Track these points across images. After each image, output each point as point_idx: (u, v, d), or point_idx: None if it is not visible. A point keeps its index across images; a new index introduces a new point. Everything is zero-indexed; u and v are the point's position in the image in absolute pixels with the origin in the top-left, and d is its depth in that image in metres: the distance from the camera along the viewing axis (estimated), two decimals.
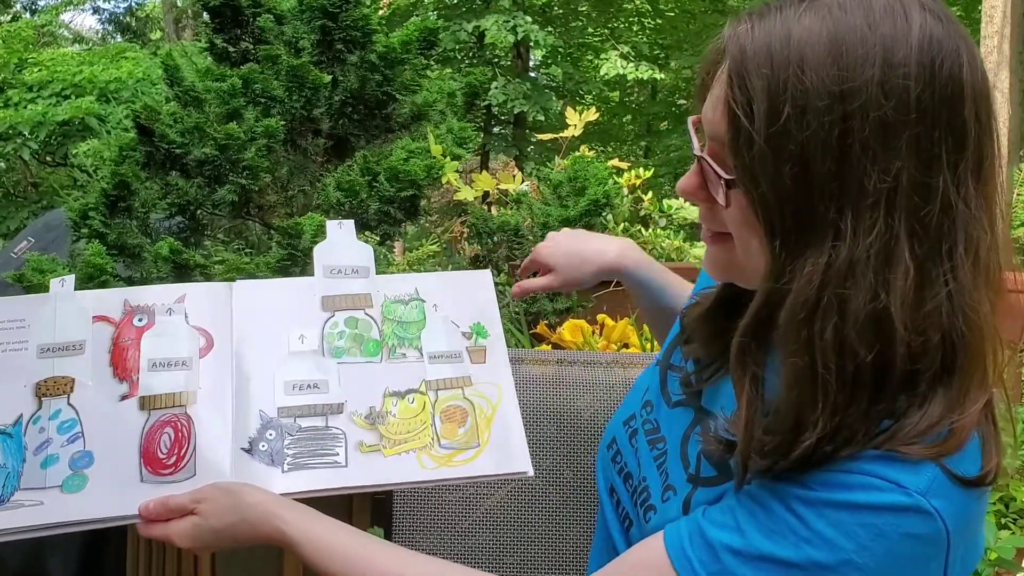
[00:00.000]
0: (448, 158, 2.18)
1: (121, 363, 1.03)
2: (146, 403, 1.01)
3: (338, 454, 1.00)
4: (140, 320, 1.06)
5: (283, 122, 2.10)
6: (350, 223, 1.14)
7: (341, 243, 1.13)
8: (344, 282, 1.10)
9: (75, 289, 1.09)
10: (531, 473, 1.00)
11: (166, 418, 1.01)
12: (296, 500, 0.96)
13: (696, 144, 0.80)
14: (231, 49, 2.30)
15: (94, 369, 1.03)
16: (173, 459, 0.99)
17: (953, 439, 0.71)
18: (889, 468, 0.71)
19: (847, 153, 0.69)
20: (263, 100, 2.14)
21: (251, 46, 2.24)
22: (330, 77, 2.16)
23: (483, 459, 1.01)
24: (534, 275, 1.27)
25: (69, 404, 1.00)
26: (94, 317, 1.06)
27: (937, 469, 0.71)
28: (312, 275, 1.11)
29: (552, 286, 1.23)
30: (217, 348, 1.05)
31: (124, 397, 1.01)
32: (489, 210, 2.87)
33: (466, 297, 1.10)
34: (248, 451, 1.00)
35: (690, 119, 0.81)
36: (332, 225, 1.13)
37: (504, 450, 1.02)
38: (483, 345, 1.08)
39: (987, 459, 0.74)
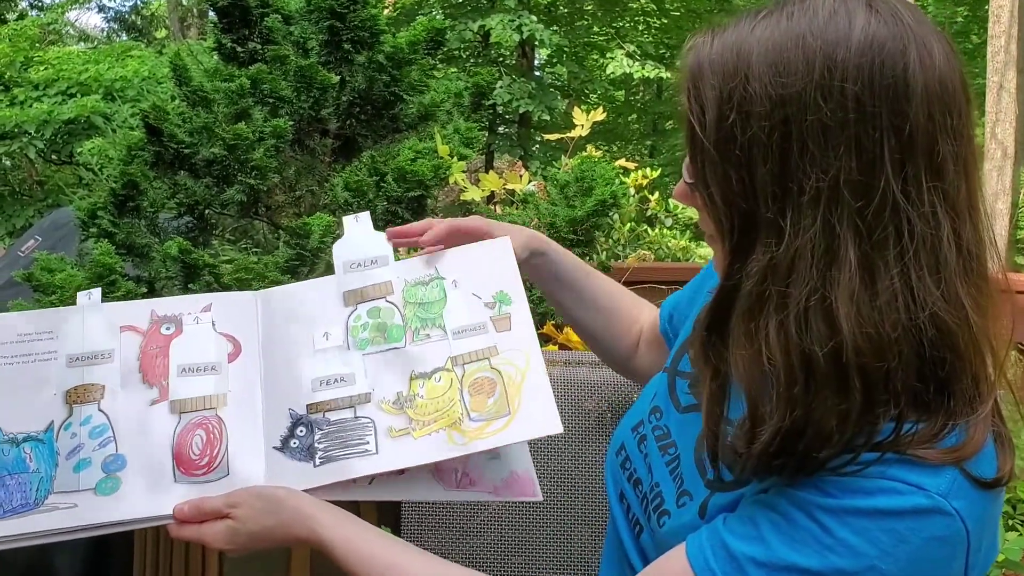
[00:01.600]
0: (455, 158, 2.19)
1: (150, 370, 1.04)
2: (176, 407, 1.03)
3: (368, 442, 1.00)
4: (167, 329, 1.07)
5: (291, 122, 2.10)
6: (366, 215, 1.14)
7: (358, 237, 1.12)
8: (364, 274, 1.10)
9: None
10: (561, 431, 0.98)
11: (197, 420, 1.02)
12: (327, 501, 0.97)
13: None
14: (239, 49, 2.30)
15: (123, 376, 1.04)
16: (206, 460, 1.00)
17: (970, 443, 0.72)
18: (910, 472, 0.71)
19: (787, 155, 0.71)
20: (271, 100, 2.14)
21: (259, 46, 2.25)
22: (338, 77, 2.17)
23: (515, 426, 0.99)
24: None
25: (100, 410, 1.02)
26: (121, 327, 1.07)
27: (956, 472, 0.72)
28: (331, 273, 1.12)
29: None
30: (245, 353, 1.07)
31: (154, 402, 1.03)
32: (495, 210, 2.87)
33: (487, 268, 1.09)
34: (280, 449, 1.01)
35: None
36: (348, 220, 1.13)
37: (534, 414, 1.00)
38: (507, 312, 1.05)
39: (1003, 460, 0.75)
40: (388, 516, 1.48)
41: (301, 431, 1.02)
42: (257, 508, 0.95)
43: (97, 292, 1.09)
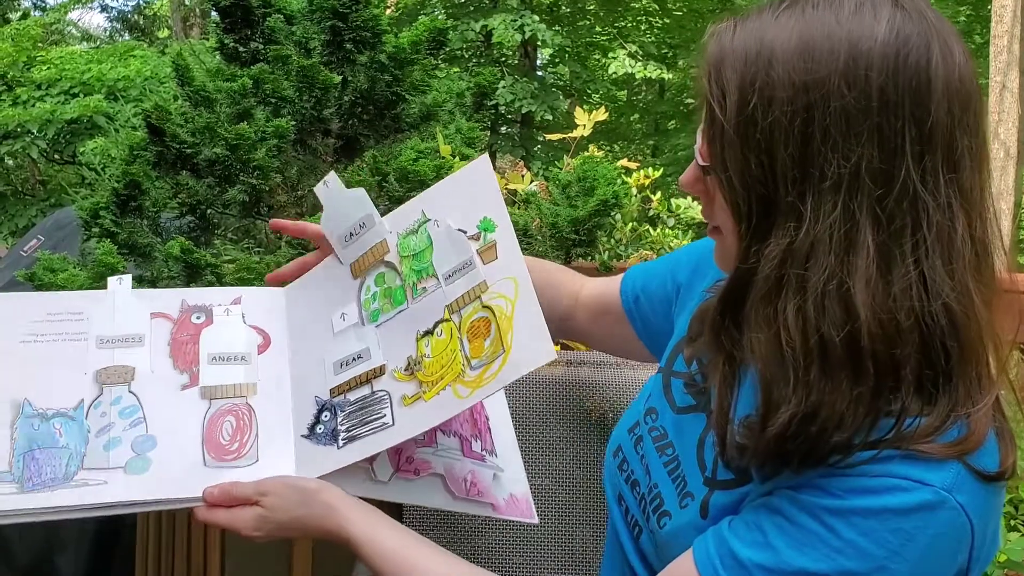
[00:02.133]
0: (457, 158, 2.19)
1: (181, 356, 1.05)
2: (207, 393, 1.03)
3: (385, 415, 0.99)
4: (198, 318, 1.08)
5: (293, 122, 2.10)
6: (332, 176, 1.10)
7: (337, 204, 1.09)
8: (359, 241, 1.08)
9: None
10: (554, 357, 0.92)
11: (227, 407, 1.02)
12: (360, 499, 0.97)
13: (698, 141, 0.83)
14: (241, 49, 2.30)
15: (154, 360, 1.04)
16: (236, 445, 1.00)
17: (972, 437, 0.73)
18: (913, 467, 0.72)
19: (808, 140, 0.72)
20: (273, 100, 2.14)
21: (261, 46, 2.25)
22: (340, 77, 2.17)
23: (510, 365, 0.94)
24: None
25: (130, 391, 1.02)
26: (152, 314, 1.07)
27: (959, 465, 0.72)
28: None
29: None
30: (274, 346, 1.07)
31: (185, 387, 1.03)
32: None
33: (468, 196, 1.03)
34: (307, 437, 1.02)
35: (701, 125, 0.83)
36: (319, 190, 1.10)
37: (528, 346, 0.94)
38: (492, 240, 1.00)
39: (1004, 455, 0.75)
40: (390, 515, 1.48)
41: (326, 416, 1.02)
42: (288, 499, 0.95)
43: (128, 278, 1.09)
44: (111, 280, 1.09)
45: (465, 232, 1.01)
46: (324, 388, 1.04)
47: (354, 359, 1.04)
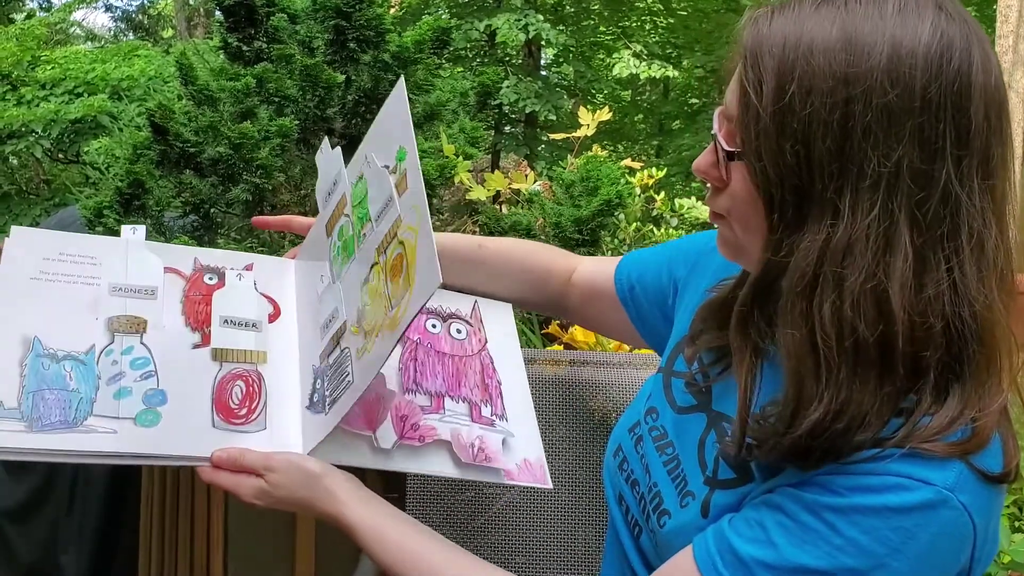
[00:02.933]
0: (460, 158, 2.19)
1: (193, 314, 1.04)
2: (218, 355, 1.02)
3: (349, 373, 0.97)
4: (211, 279, 1.07)
5: (296, 121, 2.11)
6: (325, 140, 1.11)
7: (323, 165, 1.10)
8: (331, 199, 1.08)
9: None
10: (440, 280, 0.84)
11: (238, 372, 1.02)
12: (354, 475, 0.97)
13: (716, 126, 0.82)
14: (245, 48, 2.31)
15: (166, 315, 1.03)
16: (244, 411, 1.00)
17: (976, 438, 0.73)
18: (916, 466, 0.72)
19: (848, 135, 0.71)
20: (277, 99, 2.15)
21: (265, 45, 2.25)
22: (343, 77, 2.17)
23: (412, 299, 0.89)
24: None
25: (142, 343, 1.01)
26: (165, 268, 1.06)
27: (963, 465, 0.72)
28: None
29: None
30: (284, 316, 1.07)
31: (196, 346, 1.02)
32: (500, 210, 2.87)
33: (389, 128, 0.99)
34: (309, 407, 1.01)
35: (717, 109, 0.83)
36: (317, 156, 1.11)
37: (423, 275, 0.88)
38: (404, 169, 0.95)
39: (1008, 457, 0.75)
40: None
41: (319, 384, 1.01)
42: (293, 479, 0.96)
43: (141, 229, 1.08)
44: (125, 229, 1.07)
45: (388, 167, 0.97)
46: (317, 355, 1.03)
47: (330, 321, 1.03)
